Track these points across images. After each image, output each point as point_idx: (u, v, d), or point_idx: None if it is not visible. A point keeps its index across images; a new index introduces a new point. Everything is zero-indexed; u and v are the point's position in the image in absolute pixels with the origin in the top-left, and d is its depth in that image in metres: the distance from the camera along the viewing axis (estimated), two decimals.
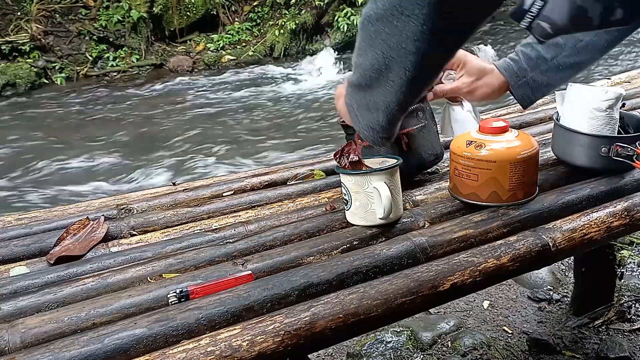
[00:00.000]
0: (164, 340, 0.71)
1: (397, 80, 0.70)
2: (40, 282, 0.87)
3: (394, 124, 0.81)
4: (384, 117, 0.77)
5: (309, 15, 7.10)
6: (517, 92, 1.07)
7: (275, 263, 0.87)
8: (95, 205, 1.15)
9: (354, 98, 0.81)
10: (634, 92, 1.71)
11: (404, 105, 0.76)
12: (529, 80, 1.06)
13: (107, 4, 6.82)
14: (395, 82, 0.70)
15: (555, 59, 1.04)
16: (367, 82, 0.74)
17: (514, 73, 1.06)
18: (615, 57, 5.49)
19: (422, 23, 0.62)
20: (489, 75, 1.07)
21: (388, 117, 0.77)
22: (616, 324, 1.70)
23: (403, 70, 0.68)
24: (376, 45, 0.68)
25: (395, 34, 0.65)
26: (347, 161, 0.96)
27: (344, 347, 1.66)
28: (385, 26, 0.65)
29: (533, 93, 1.08)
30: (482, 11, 0.65)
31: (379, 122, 0.79)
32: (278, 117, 5.15)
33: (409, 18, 0.62)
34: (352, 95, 0.81)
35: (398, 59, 0.67)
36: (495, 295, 1.92)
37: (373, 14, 0.67)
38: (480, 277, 0.85)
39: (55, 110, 5.55)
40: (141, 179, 3.91)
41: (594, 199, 1.03)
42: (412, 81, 0.69)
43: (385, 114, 0.77)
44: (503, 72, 1.06)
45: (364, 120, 0.81)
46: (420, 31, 0.63)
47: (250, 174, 1.29)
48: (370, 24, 0.68)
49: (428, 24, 0.62)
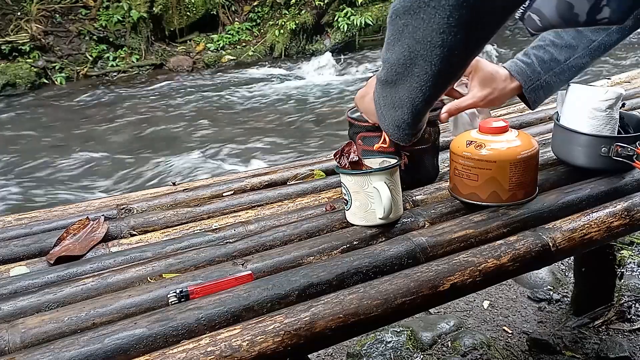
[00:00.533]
0: (164, 340, 0.71)
1: (422, 74, 0.69)
2: (40, 282, 0.87)
3: (419, 120, 0.80)
4: (409, 113, 0.77)
5: (309, 15, 7.10)
6: (530, 95, 1.06)
7: (275, 263, 0.87)
8: (95, 205, 1.15)
9: (381, 95, 0.80)
10: (634, 92, 1.71)
11: (430, 100, 0.75)
12: (543, 83, 1.05)
13: (107, 4, 6.82)
14: (421, 77, 0.69)
15: (569, 61, 1.03)
16: (393, 78, 0.74)
17: (528, 77, 1.04)
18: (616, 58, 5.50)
19: (448, 15, 0.61)
20: (502, 82, 1.04)
21: (413, 113, 0.76)
22: (616, 324, 1.70)
23: (429, 64, 0.67)
24: (403, 39, 0.68)
25: (421, 27, 0.64)
26: (347, 161, 0.96)
27: (344, 347, 1.66)
28: (412, 19, 0.65)
29: (545, 94, 1.07)
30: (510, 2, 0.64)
31: (405, 119, 0.78)
32: (278, 117, 5.15)
33: (435, 10, 0.62)
34: (379, 92, 0.80)
35: (424, 53, 0.66)
36: (495, 295, 1.92)
37: (400, 7, 0.66)
38: (480, 277, 0.85)
39: (55, 110, 5.55)
40: (141, 179, 3.91)
41: (594, 199, 1.03)
42: (438, 75, 0.69)
43: (410, 110, 0.76)
44: (517, 77, 1.05)
45: (390, 118, 0.80)
46: (446, 23, 0.62)
47: (250, 174, 1.29)
48: (397, 18, 0.67)
49: (455, 16, 0.61)
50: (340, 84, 6.10)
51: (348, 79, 6.28)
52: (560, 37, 1.03)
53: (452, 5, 0.61)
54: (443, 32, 0.63)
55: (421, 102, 0.74)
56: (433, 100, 0.76)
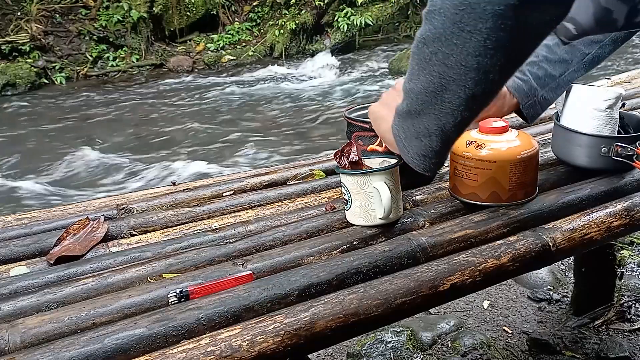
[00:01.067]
0: (164, 340, 0.71)
1: (454, 100, 0.65)
2: (40, 282, 0.87)
3: (448, 147, 0.75)
4: (437, 140, 0.72)
5: (309, 15, 7.11)
6: (527, 111, 1.05)
7: (275, 263, 0.87)
8: (95, 205, 1.15)
9: (401, 128, 0.76)
10: (634, 92, 1.71)
11: (462, 125, 0.71)
12: (540, 98, 1.04)
13: (107, 4, 6.83)
14: (453, 102, 0.66)
15: (563, 76, 1.03)
16: (418, 108, 0.70)
17: (525, 94, 1.04)
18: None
19: (485, 38, 0.58)
20: (501, 98, 1.03)
21: (443, 140, 0.72)
22: (616, 324, 1.71)
23: (462, 88, 0.64)
24: (431, 66, 0.64)
25: (454, 53, 0.61)
26: (347, 161, 0.96)
27: (344, 347, 1.66)
28: (443, 45, 0.61)
29: (542, 109, 1.07)
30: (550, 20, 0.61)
31: (432, 148, 0.73)
32: (278, 117, 5.16)
33: (470, 34, 0.59)
34: (399, 124, 0.76)
35: (456, 78, 0.63)
36: (495, 295, 1.92)
37: (430, 35, 0.62)
38: (480, 277, 0.85)
39: (55, 110, 5.56)
40: (141, 179, 3.92)
41: (594, 199, 1.03)
42: (472, 99, 0.65)
43: (439, 138, 0.72)
44: (514, 94, 1.04)
45: (415, 148, 0.76)
46: (483, 46, 0.59)
47: (250, 174, 1.29)
48: (425, 46, 0.63)
49: (492, 38, 0.58)
50: (340, 84, 6.10)
51: (348, 78, 6.29)
52: (553, 53, 1.03)
53: (489, 28, 0.58)
54: (479, 54, 0.60)
55: (452, 128, 0.70)
56: (464, 126, 0.72)
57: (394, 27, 7.58)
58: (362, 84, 6.03)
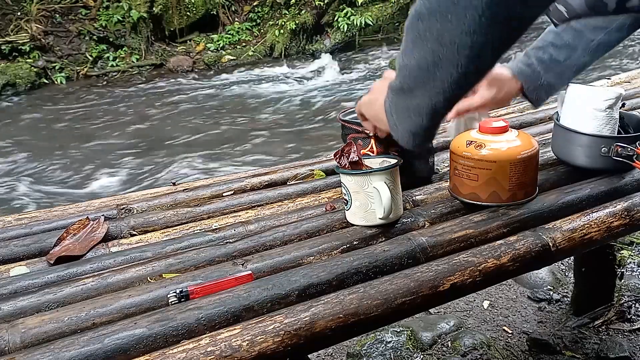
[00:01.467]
0: (164, 340, 0.71)
1: (446, 78, 0.65)
2: (40, 282, 0.87)
3: (437, 124, 0.76)
4: (427, 118, 0.73)
5: (309, 15, 7.10)
6: (531, 94, 1.07)
7: (275, 263, 0.87)
8: (95, 205, 1.15)
9: (394, 104, 0.77)
10: (634, 92, 1.71)
11: (453, 102, 0.71)
12: (543, 82, 1.05)
13: (107, 4, 6.82)
14: (444, 80, 0.66)
15: (568, 60, 1.04)
16: (411, 84, 0.70)
17: (529, 77, 1.05)
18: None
19: (480, 14, 0.58)
20: (507, 82, 1.05)
21: (432, 117, 0.73)
22: (616, 324, 1.71)
23: (454, 66, 0.63)
24: (425, 43, 0.64)
25: (448, 29, 0.61)
26: (347, 161, 0.96)
27: (344, 347, 1.66)
28: (437, 21, 0.61)
29: (546, 94, 1.08)
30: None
31: (422, 125, 0.74)
32: (278, 117, 5.16)
33: (465, 10, 0.58)
34: (392, 100, 0.77)
35: (449, 55, 0.62)
36: (495, 295, 1.92)
37: (425, 10, 0.62)
38: (480, 277, 0.85)
39: (55, 110, 5.55)
40: (141, 179, 3.92)
41: (594, 199, 1.03)
42: (464, 77, 0.65)
43: (429, 115, 0.72)
44: (518, 77, 1.05)
45: (405, 125, 0.76)
46: (477, 23, 0.58)
47: (250, 174, 1.29)
48: (420, 22, 0.63)
49: (487, 15, 0.58)
50: (340, 84, 6.10)
51: (348, 78, 6.29)
52: (559, 38, 1.04)
53: (485, 3, 0.57)
54: (474, 32, 0.59)
55: (442, 106, 0.71)
56: (454, 104, 0.72)
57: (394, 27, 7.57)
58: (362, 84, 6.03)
